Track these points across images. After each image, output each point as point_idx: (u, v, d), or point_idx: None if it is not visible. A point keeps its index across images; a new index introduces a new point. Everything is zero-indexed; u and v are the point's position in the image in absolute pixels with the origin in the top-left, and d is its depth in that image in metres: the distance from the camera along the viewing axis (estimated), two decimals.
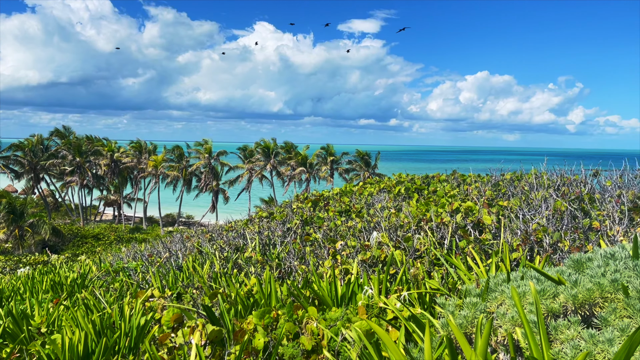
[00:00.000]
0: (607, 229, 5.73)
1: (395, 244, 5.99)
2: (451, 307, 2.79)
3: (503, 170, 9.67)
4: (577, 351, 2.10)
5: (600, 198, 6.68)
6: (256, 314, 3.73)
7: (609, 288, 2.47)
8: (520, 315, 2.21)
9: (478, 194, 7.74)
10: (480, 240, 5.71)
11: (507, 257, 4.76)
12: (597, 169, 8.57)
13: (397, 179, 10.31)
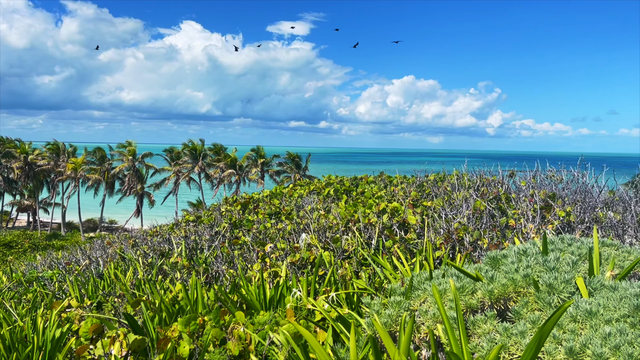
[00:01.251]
0: (522, 227, 6.08)
1: (324, 245, 6.03)
2: (376, 307, 2.85)
3: (427, 172, 10.00)
4: (493, 344, 2.20)
5: (515, 197, 7.08)
6: (181, 321, 3.62)
7: (521, 283, 2.61)
8: (441, 312, 2.28)
9: (404, 194, 7.96)
10: (405, 240, 5.87)
11: (430, 255, 4.93)
12: (513, 170, 9.08)
13: (326, 180, 10.40)
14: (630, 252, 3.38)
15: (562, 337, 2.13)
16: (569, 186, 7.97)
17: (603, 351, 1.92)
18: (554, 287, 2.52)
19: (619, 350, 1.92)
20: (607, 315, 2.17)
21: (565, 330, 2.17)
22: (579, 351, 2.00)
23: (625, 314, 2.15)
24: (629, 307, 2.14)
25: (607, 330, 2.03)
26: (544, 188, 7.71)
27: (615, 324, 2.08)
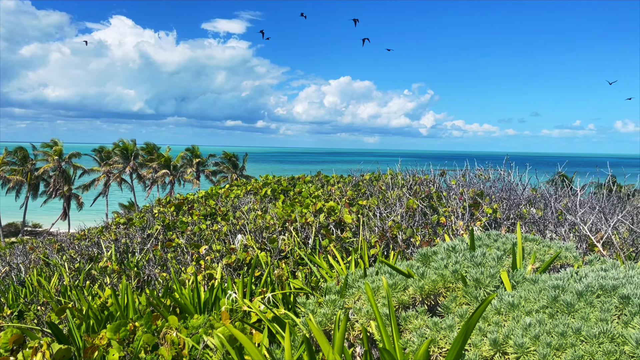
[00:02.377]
0: (452, 224, 6.32)
1: (261, 246, 5.99)
2: (311, 306, 2.86)
3: (363, 171, 10.16)
4: (423, 339, 2.27)
5: (446, 196, 7.34)
6: (110, 328, 3.48)
7: (450, 278, 2.70)
8: (374, 309, 2.33)
9: (340, 194, 8.05)
10: (341, 239, 5.94)
11: (365, 253, 5.01)
12: (444, 169, 9.42)
13: (264, 180, 10.33)
14: (550, 246, 3.59)
15: (487, 329, 2.22)
16: (496, 184, 8.36)
17: (524, 341, 2.03)
18: (481, 281, 2.63)
19: (538, 339, 2.03)
20: (528, 307, 2.30)
21: (490, 323, 2.27)
22: (502, 342, 2.10)
23: (544, 305, 2.28)
24: (548, 299, 2.27)
25: (528, 321, 2.14)
26: (473, 186, 8.04)
27: (535, 315, 2.20)
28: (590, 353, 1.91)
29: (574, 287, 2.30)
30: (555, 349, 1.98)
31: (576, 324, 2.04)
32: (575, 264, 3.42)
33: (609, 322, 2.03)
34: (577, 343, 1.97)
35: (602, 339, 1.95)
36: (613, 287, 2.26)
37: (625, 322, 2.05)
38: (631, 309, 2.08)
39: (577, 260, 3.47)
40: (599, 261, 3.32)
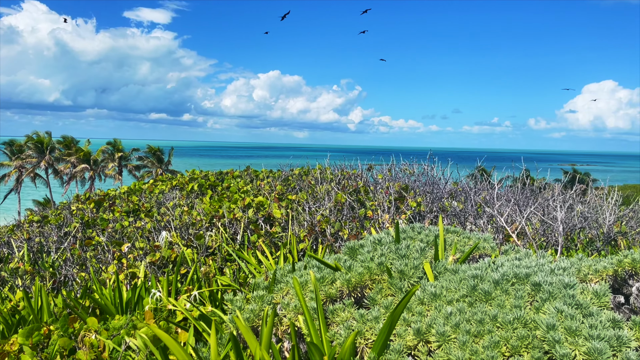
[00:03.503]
0: (379, 217, 6.46)
1: (187, 243, 5.84)
2: (239, 302, 2.82)
3: (293, 166, 10.16)
4: (350, 331, 2.30)
5: (373, 190, 7.50)
6: (22, 333, 3.25)
7: (376, 271, 2.76)
8: (301, 303, 2.33)
9: (269, 189, 8.00)
10: (270, 234, 5.91)
11: (294, 248, 5.01)
12: (371, 164, 9.62)
13: (190, 175, 10.07)
14: (469, 237, 3.76)
15: (411, 319, 2.29)
16: (420, 178, 8.65)
17: (445, 330, 2.11)
18: (405, 273, 2.70)
19: (458, 327, 2.12)
20: (449, 297, 2.39)
21: (414, 313, 2.34)
22: (425, 331, 2.17)
23: (464, 294, 2.38)
24: (467, 288, 2.37)
25: (449, 310, 2.22)
26: (398, 181, 8.27)
27: (456, 304, 2.29)
28: (505, 338, 2.01)
29: (491, 277, 2.42)
30: (474, 335, 2.08)
31: (493, 311, 2.15)
32: (493, 254, 3.60)
33: (522, 309, 2.15)
34: (494, 329, 2.08)
35: (516, 324, 2.06)
36: (526, 275, 2.40)
37: (537, 307, 2.18)
38: (542, 295, 2.22)
39: (495, 251, 3.66)
40: (514, 251, 3.52)
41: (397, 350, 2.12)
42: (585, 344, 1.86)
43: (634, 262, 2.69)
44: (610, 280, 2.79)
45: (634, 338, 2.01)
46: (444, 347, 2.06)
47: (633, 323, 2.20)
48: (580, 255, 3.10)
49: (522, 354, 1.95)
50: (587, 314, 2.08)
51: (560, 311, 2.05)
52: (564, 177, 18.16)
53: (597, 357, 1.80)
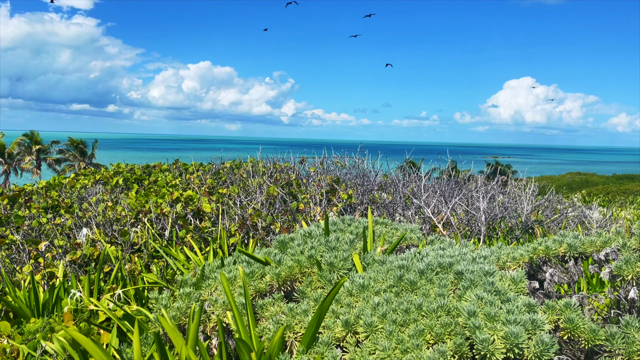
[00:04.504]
0: (310, 210, 6.48)
1: (110, 240, 5.58)
2: (164, 300, 2.72)
3: (224, 159, 9.99)
4: (279, 325, 2.28)
5: (305, 183, 7.51)
6: None
7: (306, 263, 2.76)
8: (229, 299, 2.28)
9: (199, 182, 7.82)
10: (200, 229, 5.77)
11: (225, 243, 4.93)
12: (303, 157, 9.64)
13: (115, 169, 9.63)
14: (397, 228, 3.84)
15: (340, 311, 2.30)
16: (351, 171, 8.77)
17: (373, 320, 2.14)
18: (334, 265, 2.72)
19: (385, 318, 2.15)
20: (377, 287, 2.42)
21: (343, 305, 2.36)
22: (354, 322, 2.19)
23: (391, 284, 2.42)
24: (394, 278, 2.42)
25: (376, 300, 2.26)
26: (330, 173, 8.34)
27: (383, 295, 2.33)
28: (430, 326, 2.07)
29: (416, 266, 2.48)
30: (400, 325, 2.12)
31: (418, 300, 2.21)
32: (420, 244, 3.70)
33: (445, 297, 2.22)
34: (419, 318, 2.13)
35: (440, 312, 2.12)
36: (449, 265, 2.48)
37: (460, 295, 2.26)
38: (464, 284, 2.30)
39: (421, 241, 3.77)
40: (439, 241, 3.64)
41: (326, 343, 2.12)
42: (503, 328, 1.95)
43: (548, 249, 2.85)
44: (526, 267, 2.95)
45: (547, 321, 2.13)
46: (372, 337, 2.09)
47: (547, 307, 2.33)
48: (499, 244, 3.25)
49: (445, 341, 2.02)
50: (505, 299, 2.18)
51: (481, 298, 2.13)
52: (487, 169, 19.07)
53: (513, 340, 1.89)
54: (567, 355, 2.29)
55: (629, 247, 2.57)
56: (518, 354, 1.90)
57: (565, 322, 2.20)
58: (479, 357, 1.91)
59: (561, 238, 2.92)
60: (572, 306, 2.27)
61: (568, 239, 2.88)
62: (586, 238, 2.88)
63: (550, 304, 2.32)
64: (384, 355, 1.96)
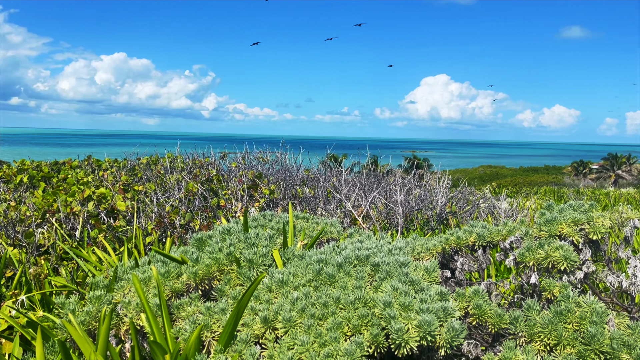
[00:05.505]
0: (232, 206, 6.38)
1: (13, 242, 5.19)
2: (72, 305, 2.56)
3: (140, 154, 9.60)
4: (196, 325, 2.22)
5: (227, 178, 7.39)
6: None
7: (225, 261, 2.70)
8: (142, 300, 2.19)
9: (114, 179, 7.45)
10: (114, 228, 5.51)
11: (141, 242, 4.74)
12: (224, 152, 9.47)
13: (19, 166, 8.96)
14: (318, 222, 3.87)
15: (258, 308, 2.28)
16: (274, 166, 8.73)
17: (292, 315, 2.14)
18: (254, 261, 2.69)
19: (304, 312, 2.16)
20: (296, 282, 2.42)
21: (262, 301, 2.34)
22: (273, 318, 2.18)
23: (310, 278, 2.43)
24: (313, 273, 2.43)
25: (295, 295, 2.26)
26: (252, 169, 8.26)
27: (302, 289, 2.34)
28: (347, 319, 2.10)
29: (335, 260, 2.51)
30: (319, 318, 2.13)
31: (336, 293, 2.23)
32: (341, 237, 3.75)
33: (362, 289, 2.26)
34: (337, 311, 2.15)
35: (357, 304, 2.16)
36: (366, 257, 2.53)
37: (376, 287, 2.31)
38: (380, 275, 2.36)
39: (341, 235, 3.82)
40: (358, 234, 3.71)
41: (244, 340, 2.09)
42: (417, 317, 2.01)
43: (459, 239, 2.99)
44: (439, 256, 3.08)
45: (457, 308, 2.23)
46: (291, 332, 2.09)
47: (457, 295, 2.44)
48: (415, 236, 3.37)
49: (363, 332, 2.06)
50: (419, 289, 2.26)
51: (396, 289, 2.20)
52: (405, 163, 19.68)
53: (426, 328, 1.96)
54: (476, 340, 2.41)
55: (530, 235, 2.75)
56: (431, 341, 1.98)
57: (474, 309, 2.32)
58: (394, 347, 1.97)
59: (471, 228, 3.07)
60: (480, 293, 2.40)
61: (477, 229, 3.04)
62: (493, 228, 3.04)
63: (461, 291, 2.43)
64: (303, 349, 1.96)
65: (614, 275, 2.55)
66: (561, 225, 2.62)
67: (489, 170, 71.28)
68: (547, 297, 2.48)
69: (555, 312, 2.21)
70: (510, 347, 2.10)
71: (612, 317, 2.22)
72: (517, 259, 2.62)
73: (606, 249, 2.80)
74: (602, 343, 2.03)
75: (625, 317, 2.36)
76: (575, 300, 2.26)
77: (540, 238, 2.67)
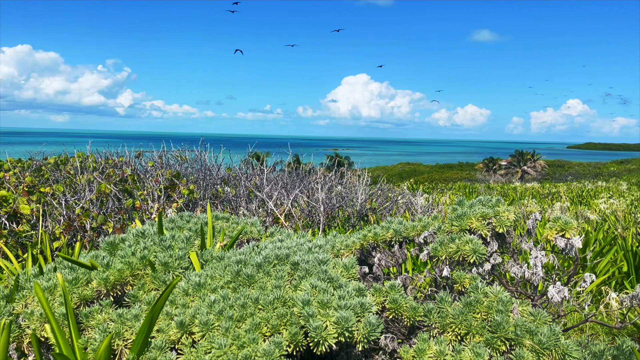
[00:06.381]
0: (148, 208, 6.14)
1: None
2: None
3: (47, 154, 9.00)
4: (106, 333, 2.11)
5: (143, 178, 7.09)
6: None
7: (138, 265, 2.59)
8: (45, 310, 2.04)
9: (17, 181, 6.93)
10: (16, 233, 5.12)
11: (47, 247, 4.44)
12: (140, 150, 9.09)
13: None
14: (238, 223, 3.81)
15: (174, 312, 2.20)
16: (194, 165, 8.51)
17: (209, 318, 2.08)
18: (170, 265, 2.60)
19: (222, 314, 2.11)
20: (214, 284, 2.37)
21: (178, 305, 2.26)
22: (189, 323, 2.11)
23: (228, 280, 2.39)
24: (232, 274, 2.39)
25: (213, 298, 2.21)
26: (170, 168, 7.99)
27: (220, 291, 2.29)
28: (266, 319, 2.08)
29: (254, 260, 2.48)
30: (237, 320, 2.10)
31: (255, 294, 2.20)
32: (263, 237, 3.72)
33: (282, 288, 2.25)
34: (256, 312, 2.13)
35: (276, 304, 2.15)
36: (286, 256, 2.52)
37: (295, 285, 2.31)
38: (299, 274, 2.36)
39: (262, 234, 3.79)
40: (279, 232, 3.69)
41: (159, 347, 2.02)
42: (335, 314, 2.03)
43: (376, 235, 3.06)
44: (358, 253, 3.13)
45: (375, 303, 2.28)
46: (208, 336, 2.03)
47: (375, 290, 2.50)
48: (335, 233, 3.41)
49: (282, 332, 2.05)
50: (337, 286, 2.29)
51: (315, 286, 2.21)
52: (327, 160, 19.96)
53: (344, 325, 1.99)
54: (392, 333, 2.48)
55: (443, 230, 2.87)
56: (348, 337, 2.00)
57: (390, 303, 2.38)
58: (312, 344, 1.97)
59: (388, 224, 3.15)
60: (396, 287, 2.47)
61: (394, 225, 3.12)
62: (409, 224, 3.14)
63: (378, 286, 2.49)
64: (220, 352, 1.92)
65: (517, 265, 2.72)
66: (471, 219, 2.75)
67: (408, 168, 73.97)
68: (458, 289, 2.60)
69: (465, 302, 2.32)
70: (424, 338, 2.18)
71: (516, 305, 2.37)
72: (430, 253, 2.72)
73: (511, 241, 2.98)
74: (507, 330, 2.15)
75: (528, 304, 2.52)
76: (484, 291, 2.38)
77: (452, 232, 2.79)
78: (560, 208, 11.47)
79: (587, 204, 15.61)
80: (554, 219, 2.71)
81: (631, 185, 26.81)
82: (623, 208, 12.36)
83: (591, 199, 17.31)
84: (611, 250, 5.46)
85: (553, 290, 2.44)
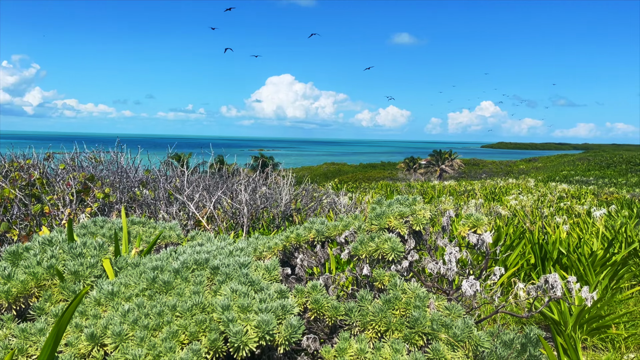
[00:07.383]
0: (59, 213, 5.78)
1: None
2: None
3: None
4: (7, 350, 1.95)
5: (53, 182, 6.67)
6: None
7: (45, 275, 2.42)
8: None
9: None
10: None
11: None
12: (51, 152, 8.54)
13: None
14: (156, 227, 3.67)
15: (85, 324, 2.08)
16: (109, 167, 8.11)
17: (123, 328, 1.98)
18: (80, 273, 2.45)
19: (136, 324, 2.02)
20: (128, 293, 2.26)
21: (89, 316, 2.14)
22: (101, 334, 2.00)
23: (144, 287, 2.29)
24: (147, 281, 2.29)
25: (127, 307, 2.10)
26: (83, 171, 7.57)
27: (135, 299, 2.19)
28: (184, 326, 2.02)
29: (171, 266, 2.39)
30: (153, 329, 2.01)
31: (172, 301, 2.13)
32: (183, 241, 3.61)
33: (201, 294, 2.19)
34: (173, 319, 2.05)
35: (194, 310, 2.08)
36: (206, 260, 2.46)
37: (215, 290, 2.26)
38: (219, 278, 2.31)
39: (182, 238, 3.68)
40: (200, 236, 3.60)
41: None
42: (255, 317, 2.01)
43: (299, 236, 3.06)
44: (280, 254, 3.12)
45: (297, 304, 2.28)
46: (121, 347, 1.93)
47: (297, 291, 2.49)
48: (257, 235, 3.37)
49: (201, 339, 1.99)
50: (258, 289, 2.26)
51: (235, 291, 2.16)
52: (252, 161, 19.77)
53: (265, 328, 1.96)
54: (315, 333, 2.49)
55: (363, 229, 2.92)
56: (270, 340, 1.98)
57: (312, 303, 2.39)
58: (233, 350, 1.93)
59: (310, 225, 3.16)
60: (318, 287, 2.48)
61: (316, 225, 3.14)
62: (331, 223, 3.17)
63: (300, 287, 2.49)
64: None
65: (434, 262, 2.82)
66: (389, 218, 2.82)
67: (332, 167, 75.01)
68: (378, 287, 2.65)
69: (384, 300, 2.37)
70: (345, 337, 2.21)
71: (432, 300, 2.45)
72: (351, 252, 2.76)
73: (428, 238, 3.09)
74: (424, 325, 2.23)
75: (444, 299, 2.62)
76: (402, 288, 2.45)
77: (372, 231, 2.85)
78: (475, 205, 12.09)
79: (499, 200, 16.59)
80: (467, 216, 2.83)
81: (538, 182, 28.82)
82: (531, 204, 13.26)
83: (503, 195, 18.41)
84: (520, 244, 5.83)
85: (466, 284, 2.55)
